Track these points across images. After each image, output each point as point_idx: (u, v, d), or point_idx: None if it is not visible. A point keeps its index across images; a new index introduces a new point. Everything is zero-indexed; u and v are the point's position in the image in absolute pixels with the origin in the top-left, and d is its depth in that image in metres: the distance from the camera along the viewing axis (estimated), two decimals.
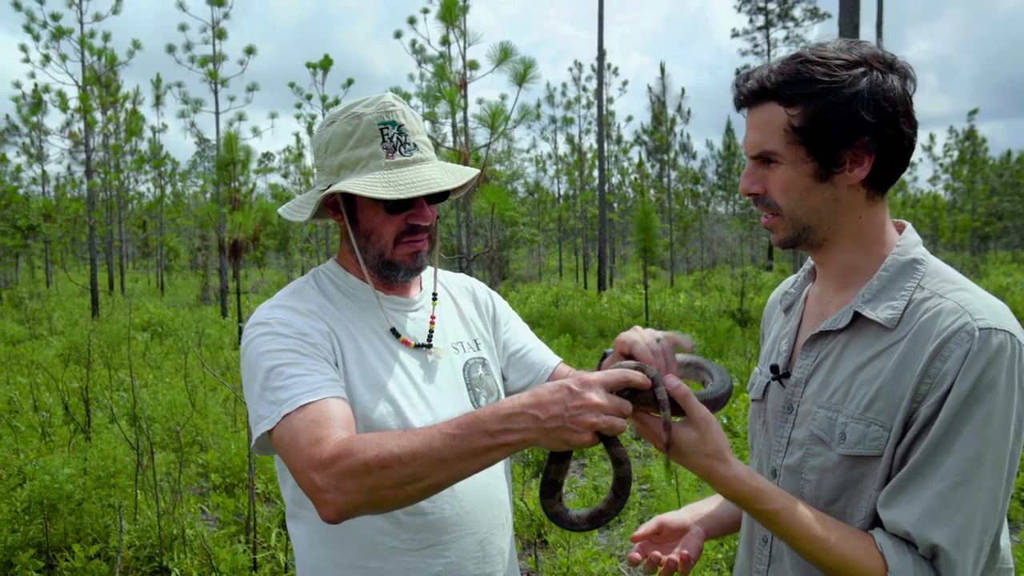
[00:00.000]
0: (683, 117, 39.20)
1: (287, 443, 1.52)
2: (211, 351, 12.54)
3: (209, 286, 25.80)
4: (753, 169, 1.53)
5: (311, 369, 1.62)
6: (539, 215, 42.59)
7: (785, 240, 1.54)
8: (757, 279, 26.48)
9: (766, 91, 1.46)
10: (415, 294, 1.95)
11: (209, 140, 20.61)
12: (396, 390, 1.76)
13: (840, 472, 1.46)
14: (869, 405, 1.41)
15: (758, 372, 1.75)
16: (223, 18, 20.11)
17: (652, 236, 16.87)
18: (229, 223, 14.85)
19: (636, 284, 30.55)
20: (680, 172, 44.06)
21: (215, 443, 7.19)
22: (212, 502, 5.91)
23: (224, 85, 20.29)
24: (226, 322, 16.76)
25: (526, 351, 2.08)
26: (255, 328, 1.70)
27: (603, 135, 28.39)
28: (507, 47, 10.30)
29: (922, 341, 1.38)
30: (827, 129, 1.42)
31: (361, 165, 1.75)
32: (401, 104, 1.79)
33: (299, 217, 1.82)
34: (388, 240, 1.79)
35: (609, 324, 15.57)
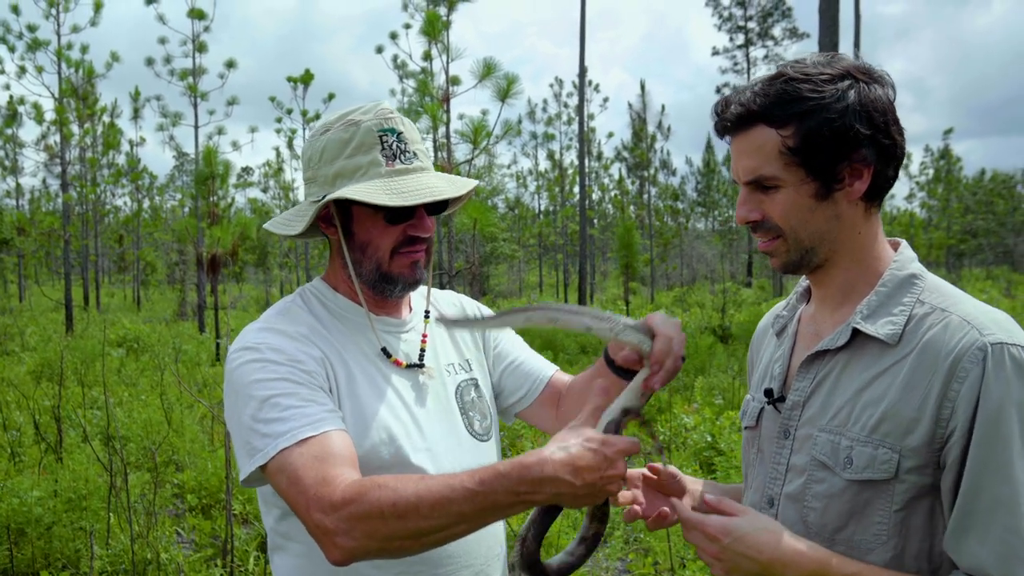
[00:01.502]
0: (663, 134, 39.39)
1: (287, 479, 1.45)
2: (188, 368, 12.35)
3: (186, 301, 25.53)
4: (748, 196, 1.48)
5: (308, 399, 1.54)
6: (519, 231, 42.58)
7: (788, 264, 1.50)
8: (737, 295, 26.55)
9: (753, 115, 1.42)
10: (405, 314, 1.87)
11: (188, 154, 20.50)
12: (389, 417, 1.67)
13: (847, 498, 1.40)
14: (876, 427, 1.36)
15: (750, 399, 1.69)
16: (204, 31, 19.95)
17: (633, 252, 16.92)
18: (207, 237, 14.71)
19: (616, 300, 30.53)
20: (660, 189, 44.27)
21: (191, 463, 7.03)
22: (188, 524, 5.76)
23: (204, 99, 20.12)
24: (204, 338, 16.54)
25: (520, 362, 2.02)
26: (243, 353, 1.61)
27: (584, 151, 28.42)
28: (490, 63, 10.27)
29: (930, 359, 1.34)
30: (824, 146, 1.39)
31: (360, 173, 1.66)
32: (398, 113, 1.72)
33: (290, 231, 1.72)
34: (385, 252, 1.70)
35: (591, 340, 15.49)
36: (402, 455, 1.64)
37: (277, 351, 1.59)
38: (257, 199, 34.01)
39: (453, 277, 10.43)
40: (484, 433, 1.85)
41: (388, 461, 1.63)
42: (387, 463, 1.63)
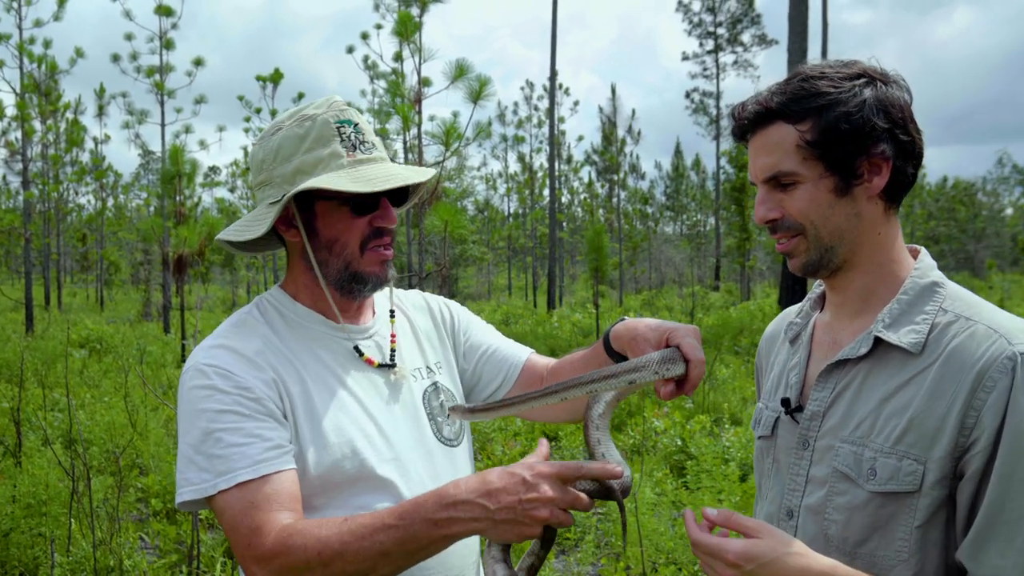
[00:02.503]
0: (633, 138, 39.60)
1: (226, 522, 1.47)
2: (153, 369, 12.14)
3: (151, 302, 25.16)
4: (767, 194, 1.46)
5: (252, 435, 1.50)
6: (489, 233, 42.58)
7: (807, 264, 1.47)
8: (705, 299, 26.75)
9: (771, 112, 1.42)
10: (367, 319, 1.81)
11: (154, 152, 20.10)
12: (352, 429, 1.62)
13: (870, 510, 1.37)
14: (900, 438, 1.34)
15: (763, 407, 1.66)
16: (171, 28, 19.70)
17: (603, 255, 16.91)
18: (174, 237, 14.48)
19: (586, 303, 30.60)
20: (629, 192, 44.46)
21: (156, 466, 6.90)
22: (152, 530, 5.64)
23: (171, 96, 19.86)
24: (169, 339, 16.30)
25: (493, 350, 1.98)
26: (192, 375, 1.56)
27: (554, 154, 28.48)
28: (463, 64, 10.23)
29: (956, 367, 1.32)
30: (843, 139, 1.38)
31: (321, 166, 1.61)
32: (349, 105, 1.70)
33: (248, 235, 1.65)
34: (355, 247, 1.65)
35: (560, 343, 15.51)
36: (367, 468, 1.60)
37: (225, 376, 1.54)
38: (224, 199, 33.66)
39: (423, 279, 10.36)
40: (454, 438, 1.81)
41: (353, 475, 1.59)
42: (352, 477, 1.59)
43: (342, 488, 1.58)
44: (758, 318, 18.68)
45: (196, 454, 1.50)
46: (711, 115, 47.20)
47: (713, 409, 8.82)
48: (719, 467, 6.10)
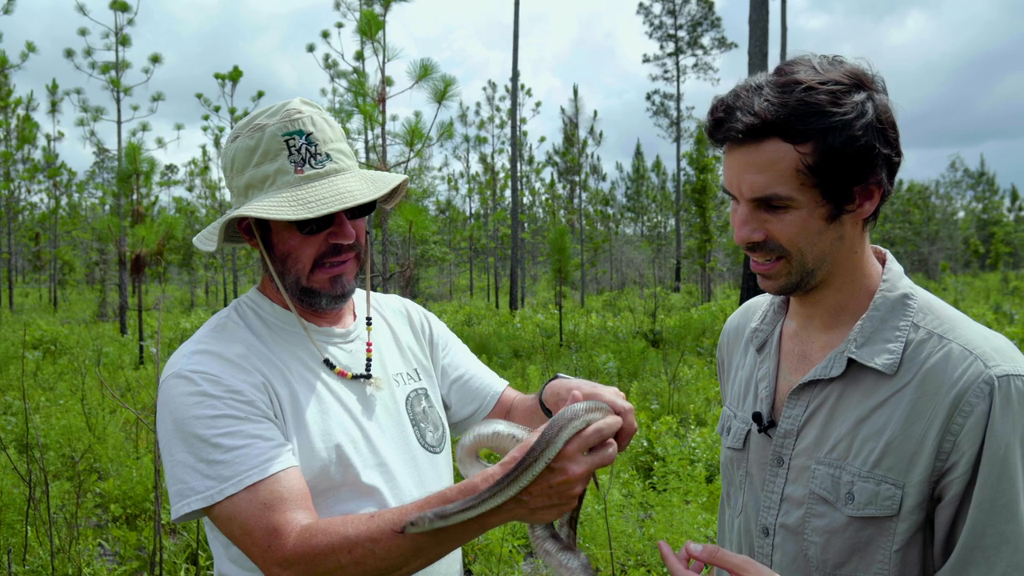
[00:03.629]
0: (595, 139, 39.74)
1: (237, 527, 1.42)
2: (110, 371, 11.90)
3: (107, 302, 24.69)
4: (752, 214, 1.35)
5: (252, 436, 1.46)
6: (450, 234, 42.45)
7: (786, 286, 1.41)
8: (667, 300, 26.93)
9: (768, 127, 1.28)
10: (348, 323, 1.77)
11: (109, 150, 19.58)
12: (338, 434, 1.58)
13: (849, 534, 1.34)
14: (878, 462, 1.31)
15: (731, 415, 1.63)
16: (127, 24, 19.35)
17: (566, 256, 16.95)
18: (130, 236, 14.21)
19: (547, 304, 30.66)
20: (591, 193, 44.62)
21: (115, 471, 6.74)
22: (111, 536, 5.51)
23: (127, 94, 19.50)
24: (126, 340, 15.99)
25: (468, 377, 1.95)
26: (178, 383, 1.50)
27: (516, 155, 28.47)
28: (428, 64, 10.17)
29: (932, 390, 1.28)
30: (845, 167, 1.28)
31: (268, 183, 1.55)
32: (310, 110, 1.60)
33: (208, 246, 1.63)
34: (306, 264, 1.60)
35: (523, 344, 15.50)
36: (352, 474, 1.57)
37: (214, 381, 1.49)
38: (182, 198, 33.15)
39: (388, 280, 10.28)
40: (437, 445, 1.78)
41: (338, 481, 1.56)
42: (337, 483, 1.56)
43: (326, 495, 1.55)
44: (720, 319, 18.84)
45: (197, 461, 1.44)
46: (672, 117, 47.57)
47: (678, 410, 8.86)
48: (686, 468, 6.12)
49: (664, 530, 5.15)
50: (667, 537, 5.08)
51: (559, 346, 14.92)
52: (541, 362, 12.18)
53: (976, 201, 73.27)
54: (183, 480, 1.45)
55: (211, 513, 1.45)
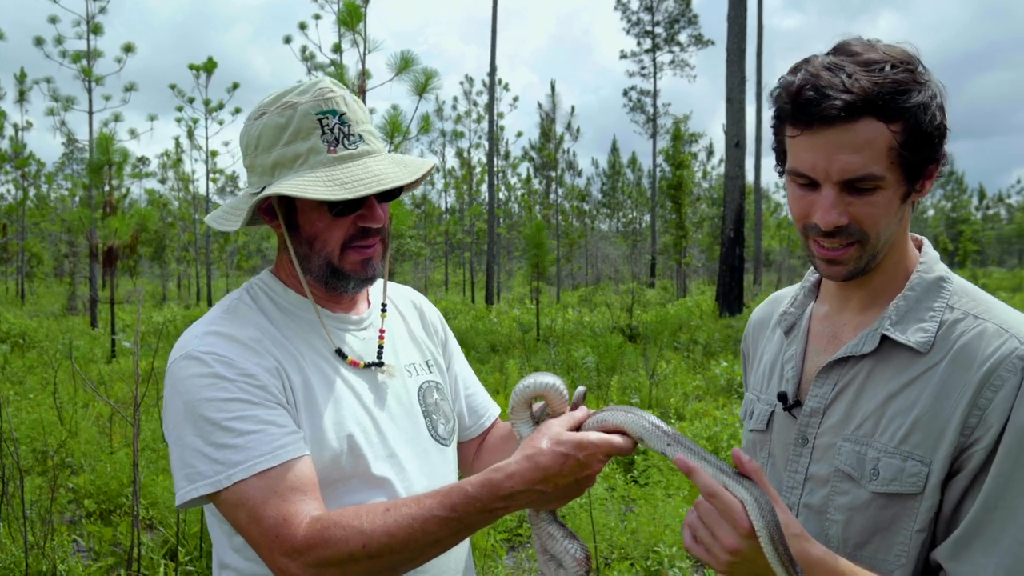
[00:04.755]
0: (572, 135, 39.76)
1: (246, 516, 1.37)
2: (82, 365, 11.73)
3: (77, 295, 24.35)
4: (839, 197, 1.30)
5: (264, 422, 1.41)
6: (426, 228, 42.33)
7: (853, 272, 1.37)
8: (642, 296, 27.02)
9: (866, 105, 1.24)
10: (362, 310, 1.72)
11: (79, 141, 19.24)
12: (350, 424, 1.54)
13: (872, 511, 1.32)
14: (905, 438, 1.29)
15: (754, 398, 1.61)
16: (99, 12, 19.04)
17: (544, 251, 16.93)
18: (102, 228, 13.99)
19: (523, 299, 30.66)
20: (566, 189, 44.68)
21: (88, 465, 6.63)
22: (86, 532, 5.41)
23: (99, 83, 19.18)
24: (97, 333, 15.78)
25: (471, 393, 1.94)
26: (189, 364, 1.45)
27: (493, 150, 28.43)
28: (408, 56, 10.08)
29: (963, 367, 1.27)
30: (927, 144, 1.27)
31: (299, 162, 1.50)
32: (341, 90, 1.55)
33: (228, 226, 1.56)
34: (335, 246, 1.55)
35: (500, 339, 15.47)
36: (363, 465, 1.53)
37: (227, 364, 1.44)
38: (155, 190, 32.75)
39: None
40: (448, 437, 1.75)
41: (349, 472, 1.52)
42: (348, 474, 1.52)
43: (336, 485, 1.51)
44: (695, 315, 18.94)
45: (206, 445, 1.40)
46: (648, 113, 47.71)
47: (658, 404, 8.87)
48: (667, 462, 6.12)
49: (647, 523, 5.15)
50: (649, 531, 5.08)
51: (536, 341, 14.90)
52: (519, 356, 12.15)
53: (945, 200, 74.13)
54: (191, 464, 1.41)
55: (217, 499, 1.40)
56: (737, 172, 18.92)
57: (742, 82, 18.85)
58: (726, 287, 18.89)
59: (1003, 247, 76.41)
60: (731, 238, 18.77)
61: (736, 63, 18.76)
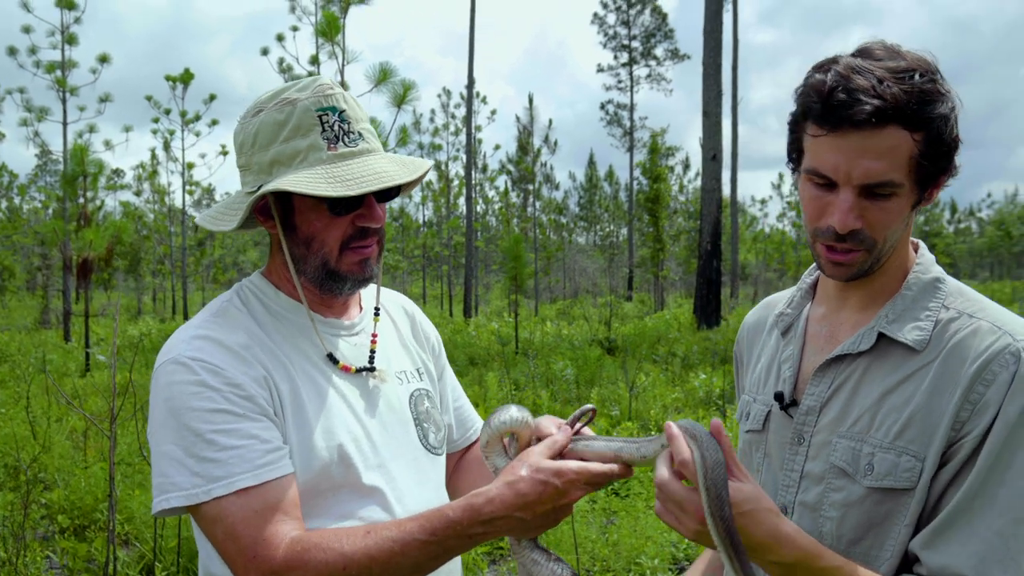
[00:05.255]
0: (550, 148, 39.91)
1: (223, 532, 1.36)
2: (55, 378, 11.55)
3: (50, 308, 24.04)
4: (856, 201, 1.31)
5: (249, 436, 1.39)
6: (403, 241, 42.20)
7: (857, 274, 1.39)
8: (619, 309, 27.08)
9: (895, 112, 1.25)
10: (354, 315, 1.70)
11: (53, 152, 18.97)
12: (340, 432, 1.52)
13: (866, 507, 1.33)
14: (900, 433, 1.31)
15: (750, 400, 1.62)
16: (74, 23, 18.88)
17: (522, 264, 16.93)
18: (75, 241, 13.82)
19: (501, 312, 30.63)
20: (544, 202, 44.77)
21: (62, 480, 6.52)
22: (59, 548, 5.31)
23: (74, 94, 19.01)
24: (71, 347, 15.58)
25: (459, 405, 1.94)
26: (176, 369, 1.42)
27: (471, 163, 28.45)
28: (387, 68, 10.08)
29: (957, 363, 1.29)
30: (944, 155, 1.30)
31: (299, 159, 1.47)
32: (339, 88, 1.53)
33: (224, 226, 1.53)
34: (333, 246, 1.52)
35: (478, 351, 15.43)
36: (354, 474, 1.51)
37: (214, 372, 1.41)
38: (130, 202, 32.44)
39: None
40: (439, 446, 1.73)
41: (339, 481, 1.50)
42: (338, 483, 1.50)
43: (326, 495, 1.49)
44: (674, 327, 19.00)
45: (187, 456, 1.37)
46: (625, 127, 47.99)
47: (637, 416, 8.88)
48: (648, 473, 6.12)
49: (629, 535, 5.14)
50: (631, 543, 5.06)
51: (515, 354, 14.87)
52: (499, 369, 12.12)
53: (918, 214, 74.91)
54: (166, 474, 1.38)
55: (194, 511, 1.39)
56: (714, 185, 19.04)
57: (718, 96, 19.00)
58: (704, 300, 18.98)
59: (975, 260, 77.43)
60: (708, 251, 18.88)
61: (712, 77, 18.92)
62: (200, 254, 32.87)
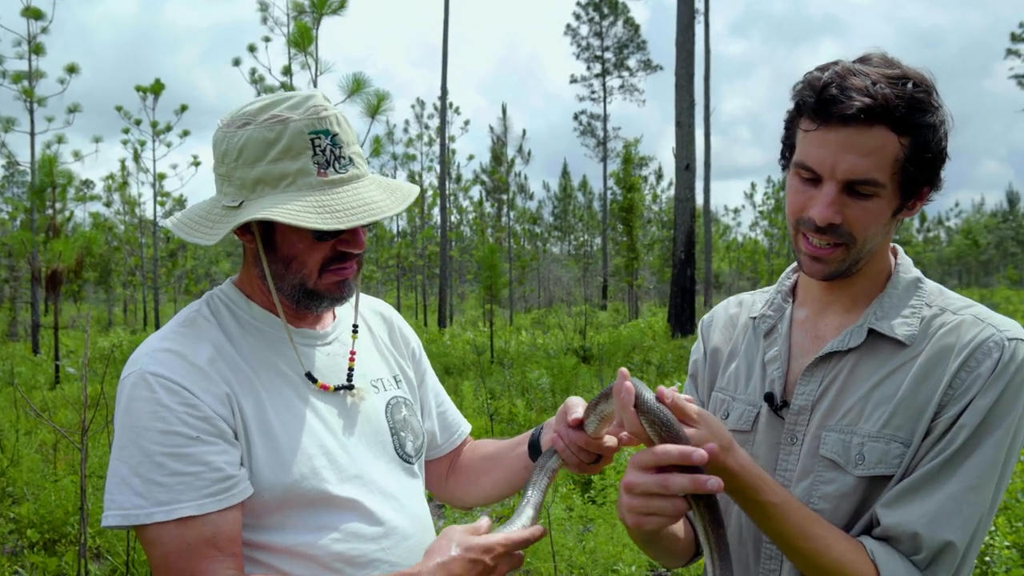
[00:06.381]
0: (523, 158, 40.00)
1: (156, 556, 1.36)
2: (24, 391, 11.36)
3: (18, 320, 23.68)
4: (838, 196, 1.35)
5: (200, 463, 1.37)
6: (377, 252, 42.08)
7: (835, 273, 1.42)
8: (594, 318, 27.15)
9: (885, 113, 1.29)
10: (328, 323, 1.68)
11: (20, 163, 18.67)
12: (311, 446, 1.50)
13: (858, 496, 1.38)
14: (887, 421, 1.36)
15: (728, 399, 1.61)
16: (41, 32, 18.67)
17: (497, 274, 16.94)
18: (44, 252, 13.65)
19: (476, 321, 30.61)
20: (518, 212, 44.84)
21: (32, 494, 6.41)
22: (28, 562, 5.22)
23: (41, 104, 18.75)
24: (39, 359, 15.35)
25: (443, 409, 1.93)
26: (135, 383, 1.41)
27: (445, 173, 28.47)
28: (360, 78, 10.07)
29: (944, 355, 1.35)
30: (928, 165, 1.34)
31: (286, 182, 1.43)
32: (332, 107, 1.49)
33: (203, 240, 1.48)
34: (313, 269, 1.50)
35: (453, 360, 15.41)
36: (327, 487, 1.50)
37: (172, 391, 1.39)
38: (100, 214, 32.05)
39: None
40: (414, 455, 1.72)
41: (313, 496, 1.49)
42: (312, 498, 1.48)
43: (302, 508, 1.48)
44: (648, 336, 19.07)
45: (132, 475, 1.36)
46: (599, 137, 48.25)
47: None
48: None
49: (605, 543, 5.14)
50: (608, 550, 5.07)
51: (491, 363, 14.87)
52: (474, 378, 12.11)
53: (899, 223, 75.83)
54: (110, 491, 1.38)
55: (136, 530, 1.38)
56: (687, 195, 19.18)
57: (691, 106, 19.17)
58: (678, 308, 19.08)
59: (943, 268, 78.53)
60: (682, 260, 19.00)
61: (685, 87, 19.08)
62: (172, 265, 32.53)
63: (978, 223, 71.41)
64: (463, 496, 1.91)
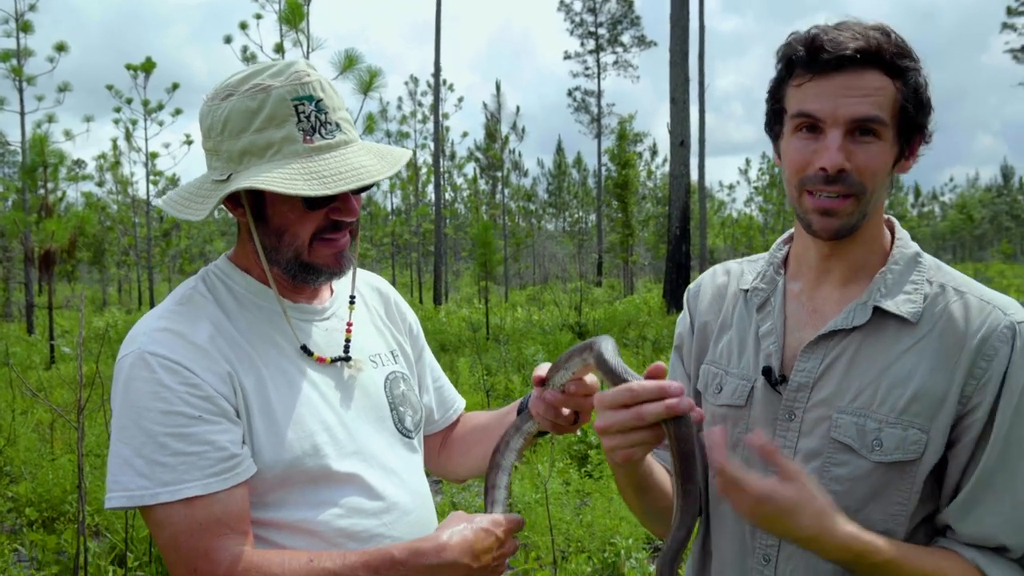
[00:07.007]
0: (518, 135, 39.85)
1: (165, 538, 1.36)
2: (20, 371, 11.36)
3: (12, 301, 23.63)
4: (843, 142, 1.34)
5: (202, 442, 1.36)
6: (372, 230, 42.01)
7: (844, 228, 1.39)
8: (589, 294, 27.19)
9: (877, 55, 1.33)
10: (325, 298, 1.66)
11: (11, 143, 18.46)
12: (312, 423, 1.49)
13: (872, 480, 1.37)
14: (905, 408, 1.35)
15: (720, 372, 1.57)
16: (28, 10, 18.49)
17: (491, 251, 16.93)
18: (37, 232, 13.60)
19: (471, 299, 30.63)
20: (513, 189, 44.75)
21: (29, 473, 6.43)
22: (28, 540, 5.24)
23: (31, 83, 18.59)
24: (34, 339, 15.34)
25: (440, 385, 1.93)
26: (134, 363, 1.39)
27: (439, 150, 28.37)
28: (352, 54, 10.01)
29: (956, 339, 1.35)
30: (921, 109, 1.37)
31: (272, 151, 1.41)
32: (315, 73, 1.46)
33: (190, 215, 1.46)
34: (305, 239, 1.48)
35: (449, 337, 15.44)
36: (329, 464, 1.49)
37: (172, 370, 1.38)
38: (92, 193, 31.91)
39: None
40: (414, 429, 1.72)
41: (314, 471, 1.48)
42: (313, 473, 1.48)
43: (303, 484, 1.47)
44: (643, 312, 19.11)
45: (136, 456, 1.34)
46: (593, 113, 48.05)
47: None
48: None
49: (602, 516, 5.18)
50: (605, 523, 5.10)
51: (486, 339, 14.89)
52: (470, 355, 12.13)
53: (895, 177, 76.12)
54: (113, 472, 1.37)
55: (141, 511, 1.37)
56: (682, 171, 19.14)
57: (685, 82, 19.07)
58: (673, 284, 19.09)
59: (937, 243, 78.70)
60: (677, 236, 18.99)
61: (679, 64, 18.97)
62: (166, 244, 32.48)
63: (972, 198, 71.52)
64: (456, 468, 1.91)
